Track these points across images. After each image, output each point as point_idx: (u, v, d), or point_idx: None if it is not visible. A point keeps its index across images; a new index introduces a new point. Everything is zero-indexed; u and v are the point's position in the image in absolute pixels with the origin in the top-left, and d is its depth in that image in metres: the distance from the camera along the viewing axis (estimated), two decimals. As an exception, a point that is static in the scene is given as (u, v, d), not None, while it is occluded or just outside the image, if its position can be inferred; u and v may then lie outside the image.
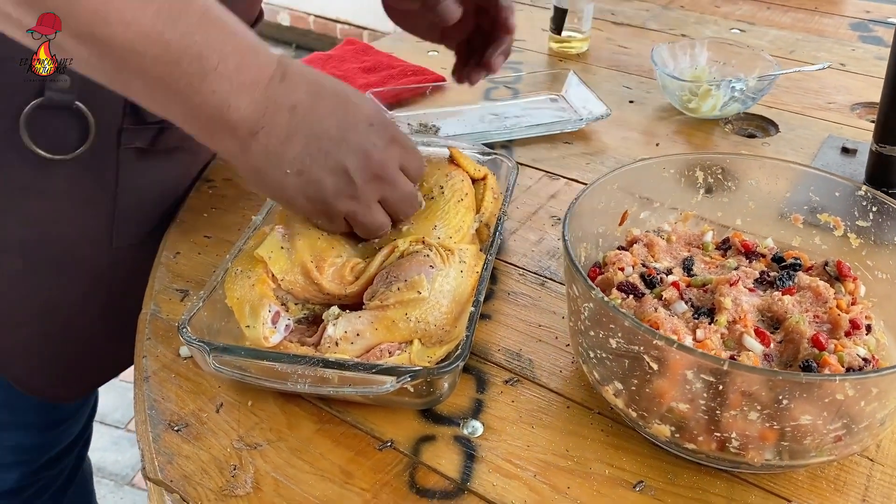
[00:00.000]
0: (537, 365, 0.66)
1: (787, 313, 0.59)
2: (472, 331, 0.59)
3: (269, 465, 0.57)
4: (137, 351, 0.68)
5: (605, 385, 0.57)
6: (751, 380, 0.49)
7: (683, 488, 0.55)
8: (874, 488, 0.56)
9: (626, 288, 0.62)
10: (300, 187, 0.58)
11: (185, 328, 0.58)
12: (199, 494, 0.55)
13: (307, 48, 3.66)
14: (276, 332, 0.60)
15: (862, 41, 1.33)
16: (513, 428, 0.60)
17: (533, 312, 0.71)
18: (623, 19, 1.41)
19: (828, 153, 0.97)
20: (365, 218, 0.61)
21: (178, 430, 0.60)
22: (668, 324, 0.57)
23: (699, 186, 0.71)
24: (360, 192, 0.60)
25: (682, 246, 0.70)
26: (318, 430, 0.59)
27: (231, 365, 0.58)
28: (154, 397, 0.63)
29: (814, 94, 1.14)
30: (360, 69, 1.16)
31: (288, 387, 0.58)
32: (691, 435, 0.53)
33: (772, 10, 1.46)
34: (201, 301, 0.62)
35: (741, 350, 0.57)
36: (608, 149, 0.99)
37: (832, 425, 0.50)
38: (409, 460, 0.57)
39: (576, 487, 0.55)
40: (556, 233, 0.83)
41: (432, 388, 0.58)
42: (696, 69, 1.10)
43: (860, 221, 0.66)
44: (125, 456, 1.73)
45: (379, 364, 0.57)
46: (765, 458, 0.53)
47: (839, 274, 0.64)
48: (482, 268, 0.65)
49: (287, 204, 0.61)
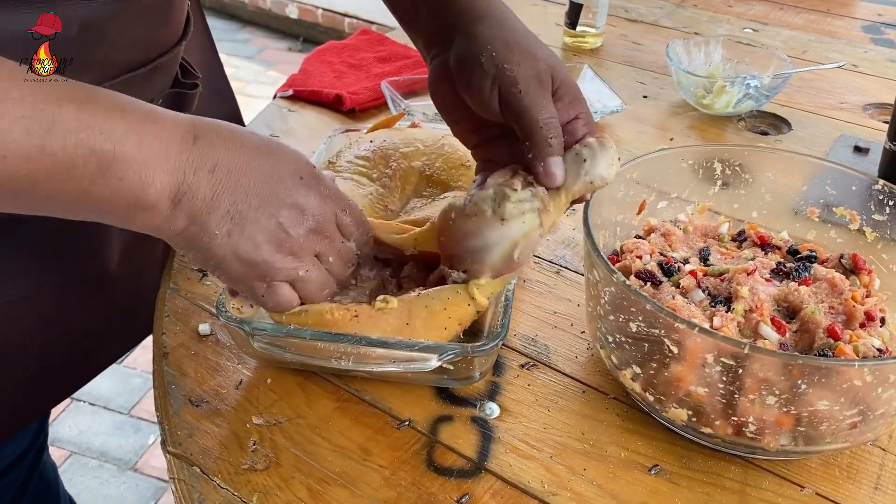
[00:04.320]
0: (553, 350, 0.66)
1: (803, 303, 0.60)
2: (509, 317, 0.59)
3: (288, 441, 0.57)
4: (156, 328, 0.69)
5: (622, 369, 0.58)
6: (770, 364, 0.50)
7: (698, 472, 0.56)
8: (886, 476, 0.56)
9: (645, 275, 0.62)
10: (231, 248, 0.52)
11: (223, 308, 0.58)
12: (220, 468, 0.55)
13: (314, 41, 3.67)
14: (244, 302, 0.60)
15: (874, 43, 1.33)
16: (529, 410, 0.60)
17: (548, 299, 0.72)
18: (636, 16, 1.41)
19: (840, 151, 0.98)
20: (310, 274, 0.55)
21: (198, 405, 0.60)
22: (685, 311, 0.58)
23: (716, 178, 0.72)
24: (300, 248, 0.54)
25: (699, 237, 0.71)
26: (337, 408, 0.60)
27: (272, 344, 0.59)
28: (173, 373, 0.63)
29: (826, 93, 1.14)
30: (375, 59, 1.17)
31: (332, 363, 0.59)
32: (708, 419, 0.54)
33: (784, 10, 1.46)
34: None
35: (757, 338, 0.57)
36: (623, 142, 1.00)
37: (848, 411, 0.51)
38: (427, 439, 0.58)
39: (591, 469, 0.56)
40: (570, 223, 0.83)
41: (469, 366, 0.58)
42: (710, 66, 1.10)
43: (876, 215, 0.67)
44: (128, 441, 1.73)
45: (420, 342, 0.57)
46: (780, 444, 0.53)
47: (854, 267, 0.65)
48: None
49: (219, 270, 0.55)
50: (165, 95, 0.71)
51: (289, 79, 1.12)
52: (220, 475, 0.55)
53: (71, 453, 1.70)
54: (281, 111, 1.06)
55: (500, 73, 0.57)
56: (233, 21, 4.02)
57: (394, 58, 1.17)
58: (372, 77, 1.11)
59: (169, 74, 0.71)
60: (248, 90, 3.30)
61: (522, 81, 0.56)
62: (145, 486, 1.64)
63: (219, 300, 0.59)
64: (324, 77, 1.11)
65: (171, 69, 0.71)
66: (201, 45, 0.86)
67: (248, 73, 3.48)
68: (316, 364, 0.61)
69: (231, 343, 0.66)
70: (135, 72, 0.64)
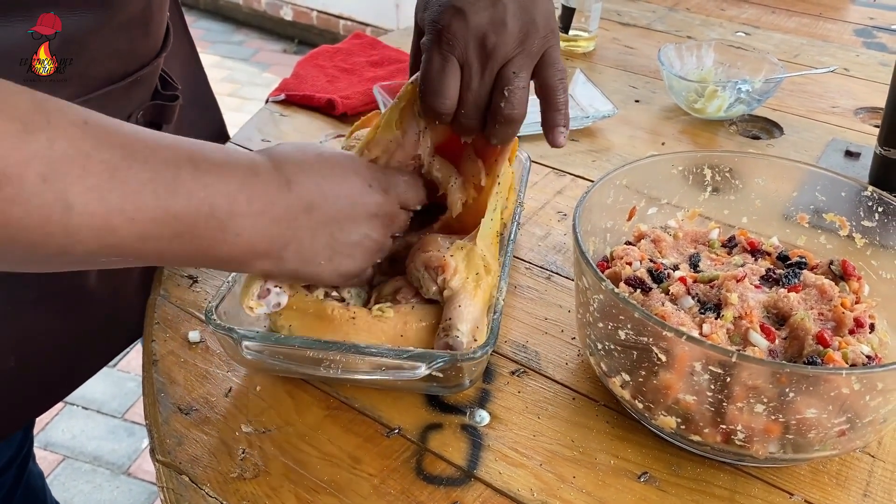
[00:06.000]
0: (543, 357, 0.66)
1: (792, 310, 0.60)
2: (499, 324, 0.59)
3: (277, 449, 0.57)
4: (146, 335, 0.68)
5: (611, 376, 0.58)
6: (758, 372, 0.50)
7: (687, 480, 0.56)
8: (875, 484, 0.56)
9: (634, 282, 0.62)
10: (334, 270, 0.58)
11: (212, 316, 0.58)
12: (209, 476, 0.55)
13: (310, 43, 3.67)
14: (263, 305, 0.60)
15: (866, 47, 1.34)
16: (519, 418, 0.60)
17: (539, 306, 0.72)
18: (629, 20, 1.41)
19: (831, 156, 0.98)
20: (383, 252, 0.62)
21: (187, 413, 0.60)
22: (674, 318, 0.58)
23: (706, 184, 0.72)
24: (382, 243, 0.60)
25: (689, 243, 0.71)
26: (327, 416, 0.60)
27: (261, 351, 0.59)
28: (162, 381, 0.63)
29: (818, 97, 1.15)
30: (367, 63, 1.17)
31: (321, 372, 0.59)
32: (697, 427, 0.54)
33: (776, 14, 1.46)
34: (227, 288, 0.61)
35: (746, 345, 0.57)
36: (614, 147, 1.00)
37: (837, 419, 0.51)
38: (417, 447, 0.58)
39: (581, 477, 0.56)
40: (562, 228, 0.83)
41: (459, 374, 0.58)
42: (702, 70, 1.11)
43: (865, 222, 0.67)
44: (122, 445, 1.73)
45: (410, 350, 0.57)
46: (769, 452, 0.53)
47: (844, 273, 0.65)
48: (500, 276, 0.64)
49: (322, 284, 0.62)
50: (146, 108, 0.70)
51: (281, 83, 1.12)
52: (209, 484, 0.55)
53: (64, 457, 1.70)
54: (273, 116, 1.06)
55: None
56: (228, 23, 4.02)
57: (386, 62, 1.17)
58: (364, 81, 1.11)
59: (149, 87, 0.70)
60: (242, 92, 3.30)
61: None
62: (138, 490, 1.64)
63: (208, 307, 0.59)
64: (316, 81, 1.11)
65: (150, 82, 0.71)
66: (185, 59, 0.86)
67: (243, 75, 3.48)
68: (305, 372, 0.61)
69: (221, 351, 0.66)
70: (115, 84, 0.64)
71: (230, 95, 3.25)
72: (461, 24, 0.55)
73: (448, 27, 0.55)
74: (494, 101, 0.57)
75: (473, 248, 0.62)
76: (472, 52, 0.56)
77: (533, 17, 0.56)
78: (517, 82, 0.56)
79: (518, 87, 0.57)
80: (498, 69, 0.56)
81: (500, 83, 0.57)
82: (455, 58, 0.56)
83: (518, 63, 0.57)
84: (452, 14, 0.56)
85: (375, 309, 0.60)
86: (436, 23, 0.56)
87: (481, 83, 0.57)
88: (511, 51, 0.56)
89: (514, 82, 0.56)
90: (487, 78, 0.57)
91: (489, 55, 0.56)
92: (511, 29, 0.56)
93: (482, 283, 0.61)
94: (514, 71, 0.56)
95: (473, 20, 0.55)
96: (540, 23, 0.57)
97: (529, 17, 0.56)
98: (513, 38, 0.56)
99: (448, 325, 0.59)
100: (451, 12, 0.56)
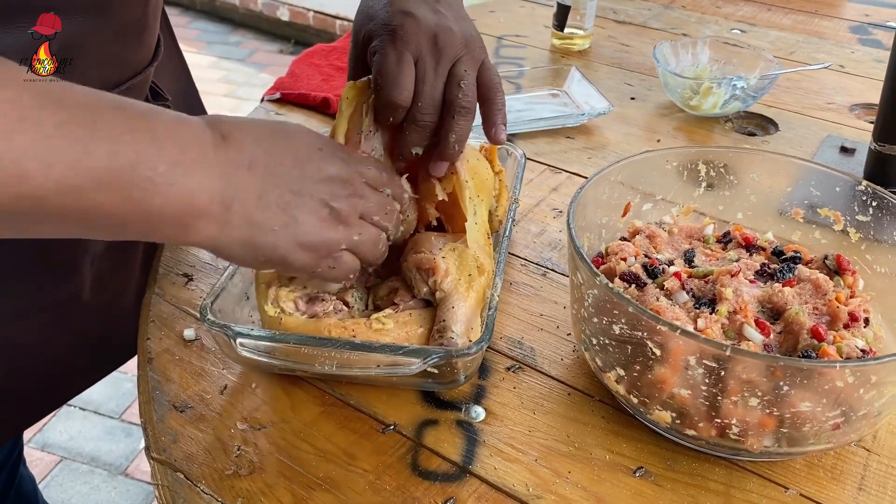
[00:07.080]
0: (539, 353, 0.66)
1: (787, 305, 0.60)
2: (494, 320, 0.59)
3: (272, 446, 0.57)
4: (141, 333, 0.68)
5: (606, 372, 0.58)
6: (752, 366, 0.50)
7: (682, 474, 0.56)
8: (870, 477, 0.56)
9: (629, 277, 0.62)
10: (292, 238, 0.53)
11: (207, 313, 0.58)
12: (204, 473, 0.55)
13: (306, 43, 3.66)
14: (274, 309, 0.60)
15: (861, 44, 1.34)
16: (514, 413, 0.60)
17: (534, 302, 0.72)
18: (625, 17, 1.41)
19: (827, 152, 0.98)
20: (363, 236, 0.57)
21: (183, 411, 0.60)
22: (669, 313, 0.58)
23: (701, 180, 0.72)
24: (347, 215, 0.56)
25: (684, 238, 0.71)
26: (322, 413, 0.60)
27: (256, 348, 0.58)
28: (158, 379, 0.63)
29: (813, 94, 1.15)
30: (363, 61, 1.17)
31: (316, 368, 0.59)
32: (692, 421, 0.54)
33: (772, 11, 1.47)
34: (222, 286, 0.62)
35: (741, 340, 0.58)
36: (610, 144, 1.00)
37: (831, 413, 0.51)
38: (412, 443, 0.58)
39: (577, 472, 0.56)
40: (557, 225, 0.83)
41: (454, 370, 0.58)
42: (697, 67, 1.11)
43: (860, 216, 0.67)
44: (119, 446, 1.73)
45: (405, 346, 0.57)
46: (764, 445, 0.53)
47: (838, 267, 0.65)
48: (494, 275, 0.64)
49: (285, 264, 0.55)
50: None
51: (276, 82, 1.12)
52: (205, 481, 0.55)
53: (61, 458, 1.69)
54: (268, 114, 1.06)
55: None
56: (224, 24, 4.02)
57: (382, 60, 1.16)
58: (360, 80, 1.10)
59: (140, 96, 0.70)
60: (239, 93, 3.30)
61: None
62: (136, 490, 1.63)
63: (203, 305, 0.59)
64: (311, 80, 1.11)
65: (141, 91, 0.70)
66: (176, 73, 0.86)
67: (240, 75, 3.48)
68: (300, 368, 0.60)
69: (216, 348, 0.66)
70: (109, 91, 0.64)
71: (226, 96, 3.25)
72: (413, 23, 0.59)
73: (402, 26, 0.59)
74: (451, 94, 0.60)
75: (465, 249, 0.62)
76: (425, 48, 0.59)
77: (468, 28, 0.62)
78: (469, 78, 0.60)
79: (470, 82, 0.60)
80: (449, 67, 0.60)
81: (453, 78, 0.60)
82: (409, 53, 0.59)
83: (466, 62, 0.61)
84: (404, 16, 0.60)
85: (374, 320, 0.59)
86: (388, 24, 0.60)
87: (436, 76, 0.60)
88: (459, 51, 0.60)
89: (466, 77, 0.60)
90: (441, 72, 0.60)
91: (441, 52, 0.60)
92: (456, 32, 0.61)
93: (475, 284, 0.61)
94: (465, 69, 0.60)
95: (424, 21, 0.59)
96: (475, 34, 0.62)
97: (467, 26, 0.62)
98: (459, 41, 0.60)
99: (442, 328, 0.59)
100: (402, 15, 0.60)
